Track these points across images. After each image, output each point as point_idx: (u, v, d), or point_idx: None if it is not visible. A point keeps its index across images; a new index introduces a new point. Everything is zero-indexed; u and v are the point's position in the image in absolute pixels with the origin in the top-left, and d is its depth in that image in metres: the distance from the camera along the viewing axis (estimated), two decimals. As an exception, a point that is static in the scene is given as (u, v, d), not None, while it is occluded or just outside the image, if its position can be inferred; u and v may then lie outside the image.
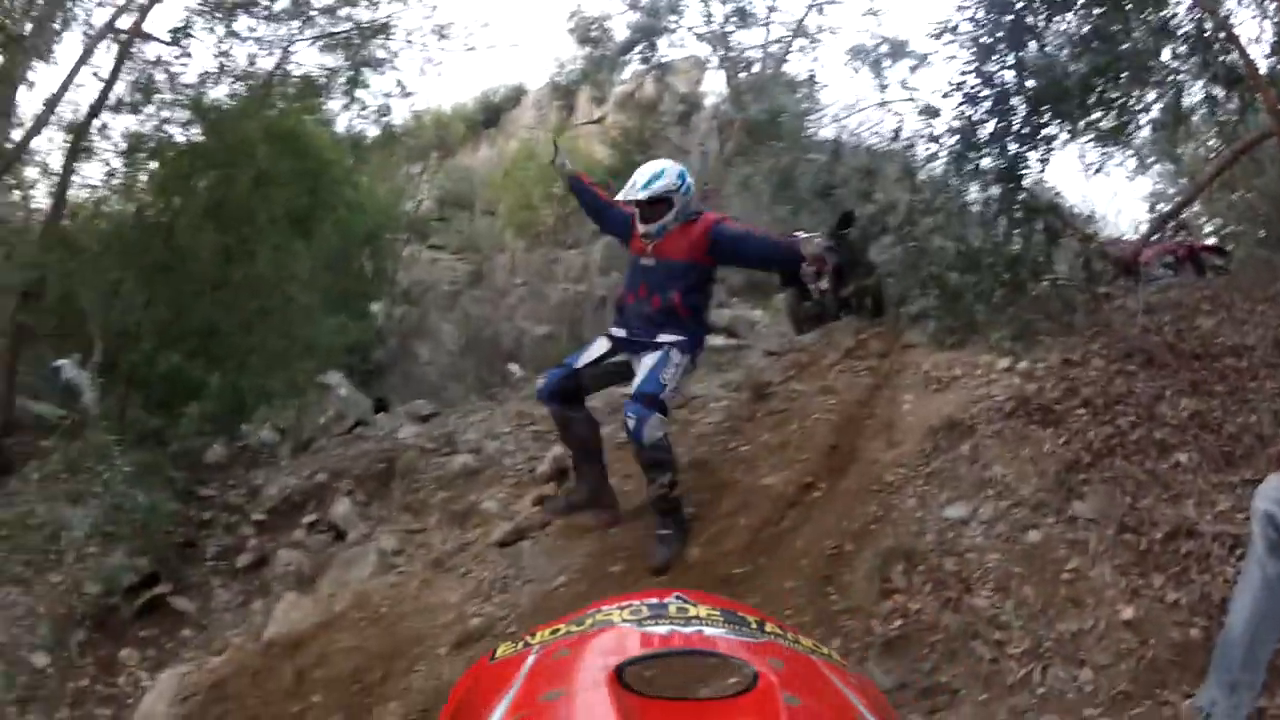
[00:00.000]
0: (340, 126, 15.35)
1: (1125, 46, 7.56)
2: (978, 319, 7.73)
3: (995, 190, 8.08)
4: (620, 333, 7.46)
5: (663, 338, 7.19)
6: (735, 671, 1.27)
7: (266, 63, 13.81)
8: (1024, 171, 7.86)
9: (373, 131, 16.04)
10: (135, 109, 13.00)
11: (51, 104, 13.17)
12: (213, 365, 11.23)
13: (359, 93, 14.63)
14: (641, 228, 7.34)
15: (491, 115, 34.16)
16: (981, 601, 5.59)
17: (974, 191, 8.37)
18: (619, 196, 7.63)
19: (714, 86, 27.03)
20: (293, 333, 12.37)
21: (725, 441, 9.05)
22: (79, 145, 12.88)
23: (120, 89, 13.11)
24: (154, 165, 13.12)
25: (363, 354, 15.93)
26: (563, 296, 19.02)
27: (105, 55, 13.29)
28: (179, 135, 13.04)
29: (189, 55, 13.14)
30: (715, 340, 14.84)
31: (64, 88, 13.14)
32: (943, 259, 7.99)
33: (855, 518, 6.73)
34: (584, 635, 1.42)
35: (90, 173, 13.58)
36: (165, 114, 13.04)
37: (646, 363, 7.12)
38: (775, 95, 19.75)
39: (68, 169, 13.00)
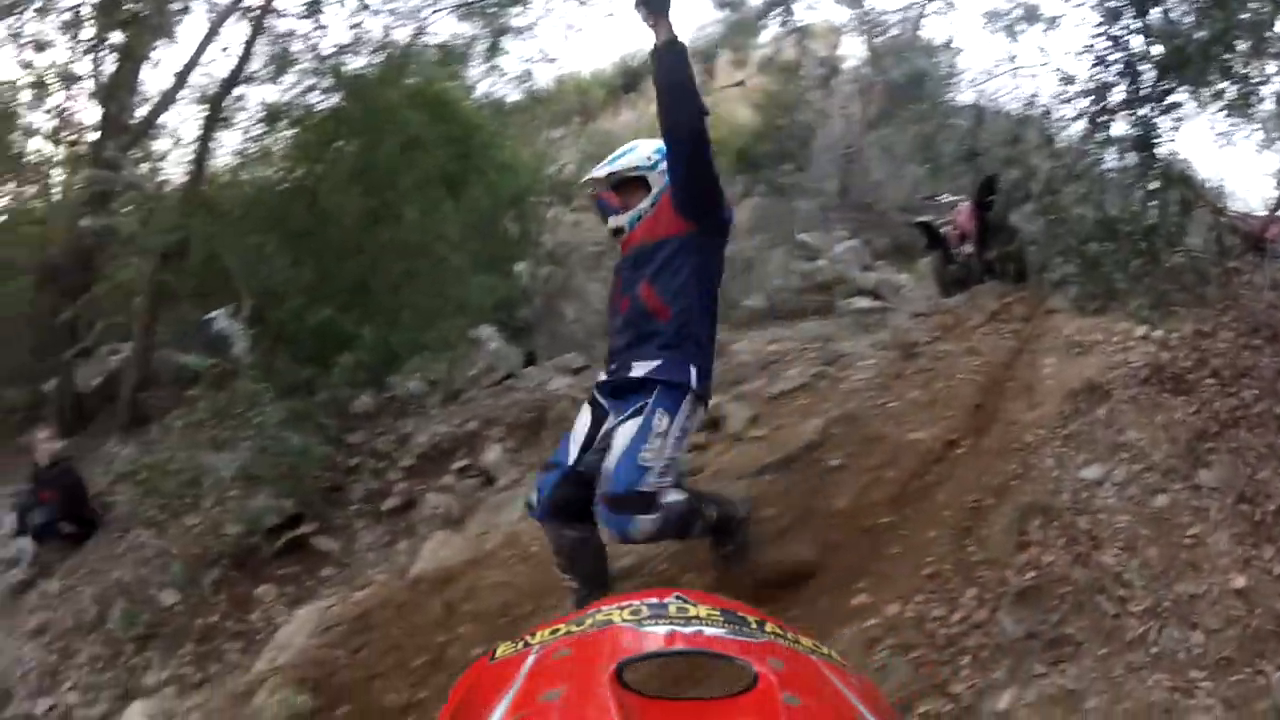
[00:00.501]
0: (482, 92, 15.62)
1: (1243, 16, 7.51)
2: (1116, 287, 7.78)
3: (1131, 158, 8.09)
4: (601, 376, 6.05)
5: (639, 369, 5.60)
6: (735, 671, 1.28)
7: (402, 33, 14.33)
8: (1157, 140, 7.85)
9: (515, 97, 16.36)
10: (273, 79, 13.81)
11: (181, 78, 14.11)
12: (363, 320, 11.49)
13: (499, 59, 14.94)
14: (613, 221, 6.03)
15: (631, 80, 34.30)
16: (1109, 559, 5.63)
17: (1110, 159, 8.40)
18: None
19: (851, 50, 26.97)
20: (444, 292, 12.68)
21: (875, 397, 9.19)
22: (216, 115, 13.66)
23: (253, 62, 13.82)
24: (294, 132, 13.68)
25: (510, 311, 16.15)
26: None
27: (235, 30, 14.06)
28: (319, 103, 13.68)
29: (324, 27, 13.72)
30: (861, 302, 15.02)
31: (193, 63, 14.04)
32: (1082, 227, 8.04)
33: (996, 474, 6.78)
34: (584, 635, 1.44)
35: (228, 141, 14.48)
36: (305, 83, 13.72)
37: (621, 437, 5.49)
38: (914, 59, 19.75)
39: (205, 138, 13.73)
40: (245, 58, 13.62)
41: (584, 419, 5.89)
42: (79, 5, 13.78)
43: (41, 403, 15.23)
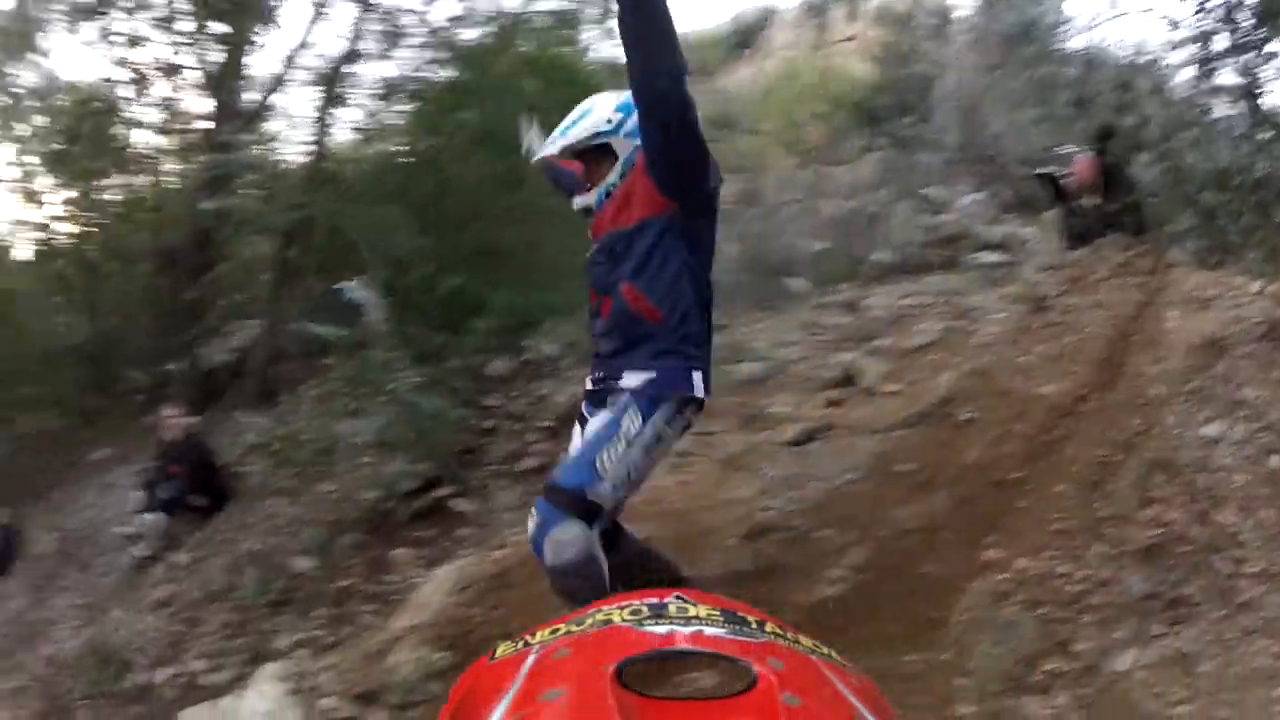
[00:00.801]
0: (598, 56, 15.72)
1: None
2: (1231, 240, 7.73)
3: (1239, 107, 7.99)
4: (588, 384, 5.32)
5: (629, 378, 4.83)
6: (735, 671, 1.27)
7: (512, 1, 14.44)
8: (1261, 90, 7.74)
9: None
10: (385, 55, 14.15)
11: (291, 60, 14.67)
12: (494, 284, 11.66)
13: (611, 23, 15.04)
14: (577, 201, 5.11)
15: (745, 37, 34.24)
16: (1226, 519, 5.49)
17: (1220, 108, 8.31)
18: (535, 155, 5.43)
19: (961, -1, 26.78)
20: (570, 255, 12.86)
21: (1004, 351, 9.35)
22: (332, 94, 14.15)
23: (363, 39, 14.25)
24: (413, 106, 13.93)
25: None
26: (835, 212, 19.15)
27: (342, 10, 14.89)
28: (436, 76, 14.00)
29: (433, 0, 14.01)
30: (987, 256, 15.05)
31: (301, 44, 14.62)
32: (1196, 178, 7.95)
33: (1123, 429, 6.80)
34: (584, 635, 1.42)
35: (345, 118, 14.87)
36: (419, 57, 14.07)
37: (590, 429, 4.95)
38: (1023, 6, 19.63)
39: (323, 116, 14.23)
40: (356, 36, 14.09)
41: (575, 443, 5.14)
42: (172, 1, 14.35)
43: (165, 383, 15.62)
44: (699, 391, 4.79)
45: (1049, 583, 5.38)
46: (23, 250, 18.02)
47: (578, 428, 5.16)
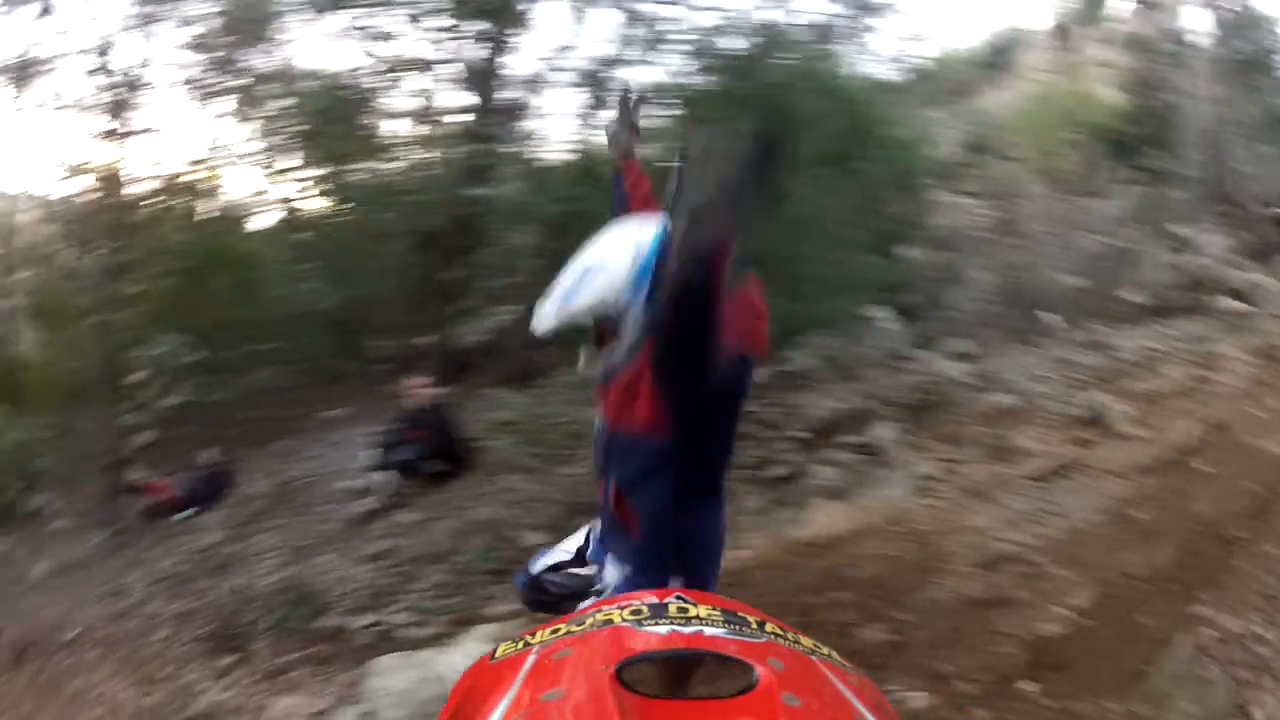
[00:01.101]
0: (856, 71, 15.88)
1: None
2: None
3: None
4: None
5: (610, 569, 3.91)
6: (735, 671, 1.30)
7: (768, 14, 14.69)
8: None
9: (889, 75, 16.60)
10: (647, 61, 14.58)
11: (550, 61, 15.21)
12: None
13: (870, 38, 15.27)
14: (582, 365, 4.10)
15: (1002, 57, 33.77)
16: None
17: None
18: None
19: (1199, 24, 26.30)
20: (837, 269, 13.00)
21: (1242, 403, 9.46)
22: (597, 95, 14.74)
23: (624, 44, 14.72)
24: (678, 111, 14.20)
25: (897, 293, 16.38)
26: (1088, 246, 19.02)
27: (602, 15, 15.06)
28: (700, 83, 14.21)
29: (695, 8, 14.38)
30: (1231, 303, 15.16)
31: (562, 46, 15.12)
32: None
33: None
34: (584, 635, 1.46)
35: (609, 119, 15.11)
36: (683, 64, 14.44)
37: None
38: (1259, 35, 19.44)
39: (586, 116, 14.92)
40: (618, 40, 14.64)
41: (571, 542, 4.42)
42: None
43: (413, 355, 16.11)
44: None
45: (1245, 644, 5.54)
46: (264, 220, 18.72)
47: (581, 534, 4.41)
